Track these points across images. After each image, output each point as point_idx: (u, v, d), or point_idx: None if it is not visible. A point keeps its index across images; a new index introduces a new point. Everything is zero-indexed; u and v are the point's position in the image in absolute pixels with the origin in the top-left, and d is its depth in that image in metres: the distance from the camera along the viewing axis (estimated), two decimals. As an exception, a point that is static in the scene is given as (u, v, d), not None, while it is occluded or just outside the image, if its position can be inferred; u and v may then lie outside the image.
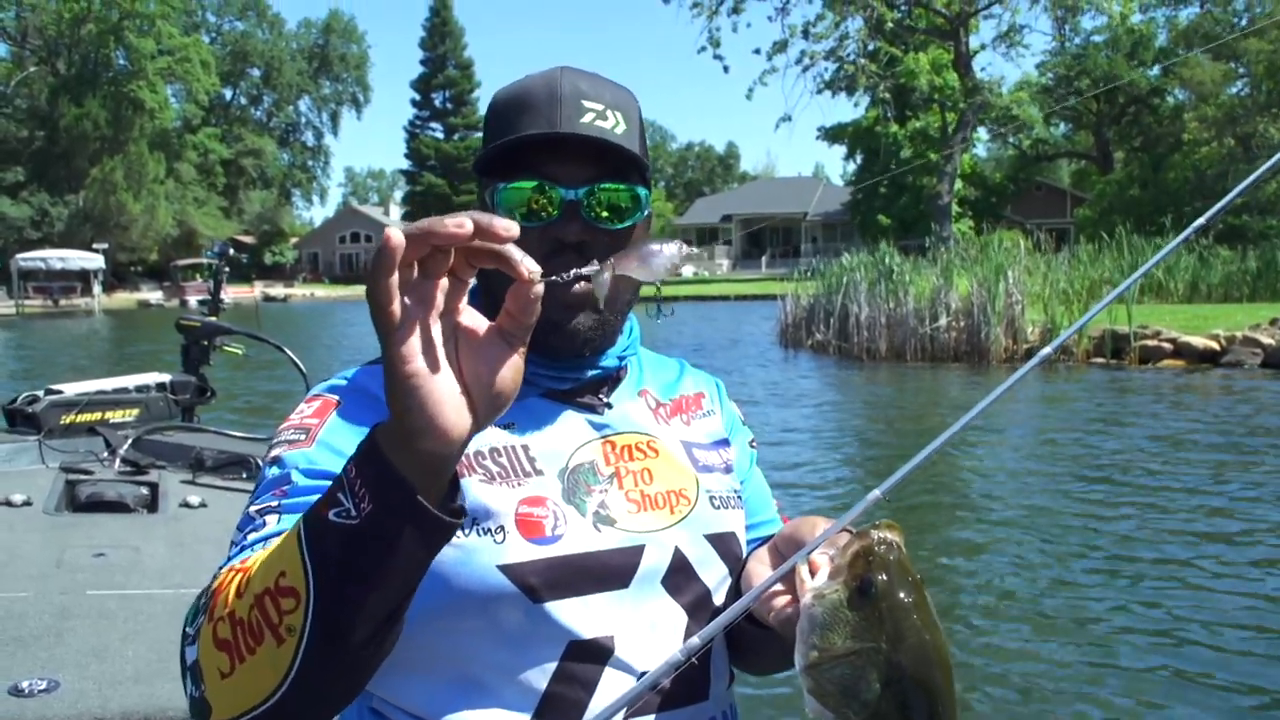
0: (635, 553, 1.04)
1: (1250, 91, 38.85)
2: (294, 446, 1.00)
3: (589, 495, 1.06)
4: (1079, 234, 35.26)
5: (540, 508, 1.02)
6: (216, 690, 0.81)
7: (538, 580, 0.99)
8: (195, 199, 63.72)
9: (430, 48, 73.69)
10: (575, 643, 1.00)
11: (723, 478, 1.17)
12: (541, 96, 1.06)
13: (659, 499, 1.09)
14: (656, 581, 1.05)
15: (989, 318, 16.82)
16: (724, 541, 1.12)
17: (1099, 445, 9.84)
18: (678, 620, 1.06)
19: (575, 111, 1.05)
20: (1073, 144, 57.43)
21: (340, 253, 77.34)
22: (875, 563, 0.82)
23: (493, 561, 0.99)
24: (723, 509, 1.13)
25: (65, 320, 39.65)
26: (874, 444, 10.85)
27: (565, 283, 0.84)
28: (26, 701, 1.86)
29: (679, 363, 1.29)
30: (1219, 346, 15.37)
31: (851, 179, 58.44)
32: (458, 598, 0.98)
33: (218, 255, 5.71)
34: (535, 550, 1.00)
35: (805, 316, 20.35)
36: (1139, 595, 5.47)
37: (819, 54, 38.65)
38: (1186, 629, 4.95)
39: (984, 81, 38.82)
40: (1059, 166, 63.98)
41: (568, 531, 1.02)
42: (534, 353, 1.04)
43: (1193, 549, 6.26)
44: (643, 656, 1.02)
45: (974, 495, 7.89)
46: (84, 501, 3.37)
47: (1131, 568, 5.95)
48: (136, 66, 57.85)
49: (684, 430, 1.18)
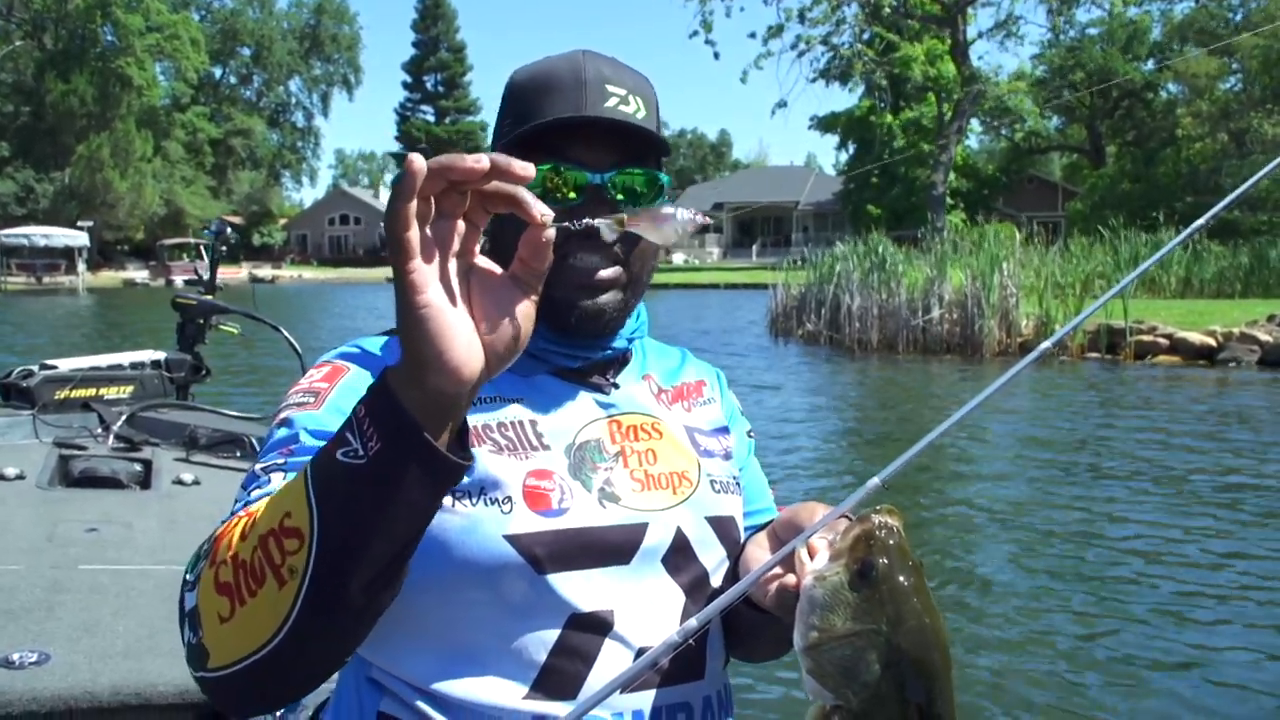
0: (639, 530, 1.05)
1: (1244, 87, 38.81)
2: (303, 409, 1.01)
3: (595, 472, 1.07)
4: (1071, 227, 35.18)
5: (547, 481, 1.03)
6: (214, 635, 0.81)
7: (543, 552, 0.99)
8: (183, 178, 63.25)
9: (423, 30, 73.22)
10: (576, 615, 1.00)
11: (722, 463, 1.18)
12: (567, 79, 1.06)
13: (662, 479, 1.10)
14: (657, 560, 1.06)
15: (983, 310, 16.69)
16: (723, 525, 1.12)
17: (1091, 439, 9.73)
18: (676, 599, 1.06)
19: (600, 96, 1.05)
20: (1065, 137, 57.42)
21: (329, 235, 76.97)
22: (876, 546, 0.83)
23: (499, 531, 0.99)
24: (723, 493, 1.14)
25: (48, 298, 39.32)
26: (865, 435, 10.72)
27: (585, 266, 0.95)
28: (16, 674, 1.88)
29: (681, 351, 1.30)
30: (1215, 343, 15.25)
31: (844, 168, 58.32)
32: (462, 566, 0.98)
33: (215, 234, 5.63)
34: (542, 522, 1.00)
35: (796, 306, 20.21)
36: (1123, 591, 5.38)
37: (815, 39, 38.43)
38: (1183, 626, 4.85)
39: (981, 71, 38.67)
40: (1051, 160, 63.98)
41: (574, 505, 1.03)
42: (550, 330, 1.08)
43: (1189, 545, 6.16)
44: (641, 632, 1.02)
45: (959, 490, 7.78)
46: (77, 477, 3.38)
47: (1122, 561, 5.86)
48: (124, 43, 57.28)
49: (685, 415, 1.20)
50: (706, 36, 38.11)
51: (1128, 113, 50.82)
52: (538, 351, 1.10)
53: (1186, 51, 41.21)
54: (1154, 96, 48.94)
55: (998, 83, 39.01)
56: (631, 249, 1.09)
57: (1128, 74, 45.51)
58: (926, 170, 38.43)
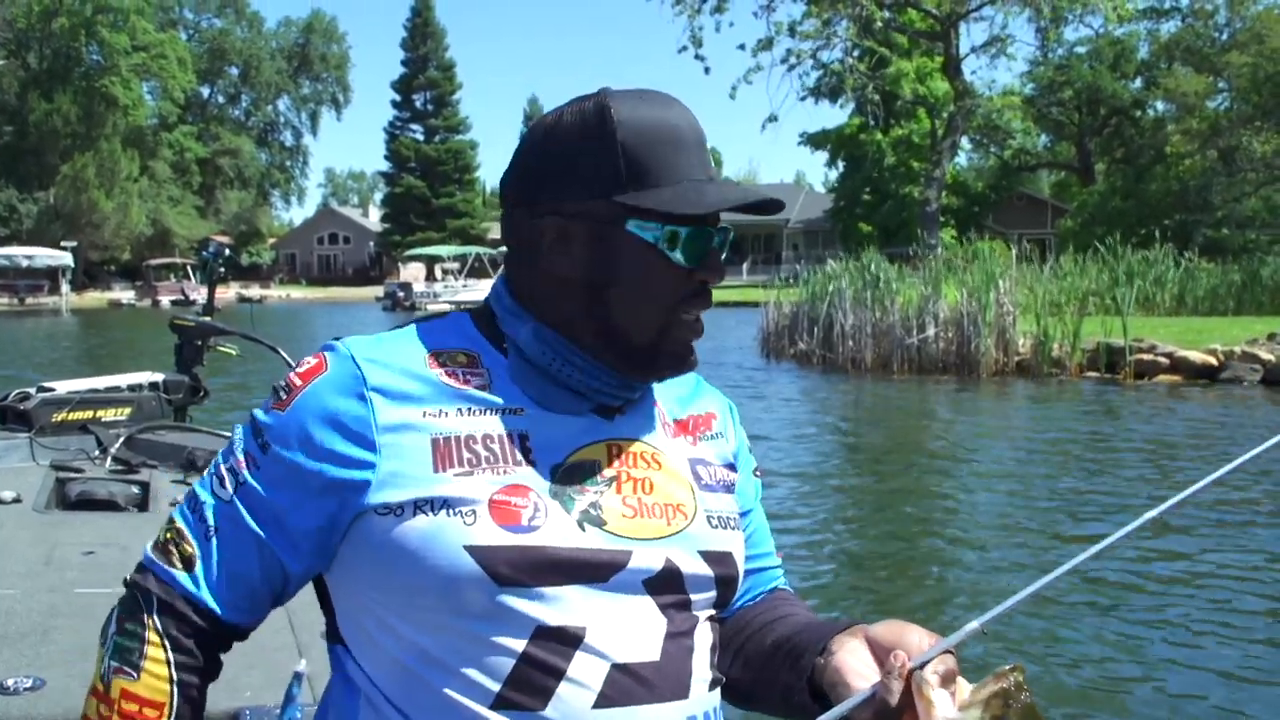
0: (621, 556, 1.01)
1: (1233, 105, 38.84)
2: (272, 409, 1.03)
3: (580, 495, 1.02)
4: (1062, 244, 35.05)
5: (520, 497, 0.99)
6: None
7: (505, 567, 0.96)
8: (170, 198, 62.89)
9: (412, 48, 72.93)
10: (542, 628, 0.97)
11: (724, 498, 1.13)
12: (690, 138, 1.05)
13: (656, 509, 1.05)
14: (638, 583, 1.01)
15: (980, 328, 16.41)
16: (720, 561, 1.07)
17: (1092, 463, 9.41)
18: (656, 620, 1.01)
19: (706, 154, 1.08)
20: (1054, 155, 57.52)
21: (318, 254, 76.62)
22: (1013, 708, 0.88)
23: (460, 541, 0.96)
24: (721, 529, 1.09)
25: (30, 319, 38.79)
26: (865, 453, 10.41)
27: (698, 322, 1.07)
28: (12, 699, 1.90)
29: (696, 378, 1.21)
30: (1217, 362, 14.93)
31: (833, 186, 58.27)
32: (421, 575, 0.96)
33: (214, 255, 5.66)
34: (506, 536, 0.97)
35: (788, 325, 19.91)
36: (1114, 615, 5.06)
37: (805, 53, 38.32)
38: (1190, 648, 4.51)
39: (974, 85, 38.62)
40: (1039, 177, 64.09)
41: (546, 524, 0.99)
42: (619, 372, 1.06)
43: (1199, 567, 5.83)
44: (619, 646, 0.98)
45: (954, 511, 7.47)
46: (74, 500, 3.40)
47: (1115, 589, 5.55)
48: (110, 62, 57.01)
49: (689, 448, 1.14)
50: (696, 51, 38.01)
51: (1116, 130, 50.91)
52: (587, 390, 1.06)
53: (1176, 70, 41.31)
54: (1142, 114, 49.04)
55: (991, 96, 38.94)
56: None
57: (1115, 93, 45.59)
58: (918, 187, 38.27)
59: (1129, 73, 48.59)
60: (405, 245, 62.65)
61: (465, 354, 1.06)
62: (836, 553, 6.69)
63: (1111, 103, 48.75)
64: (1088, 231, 34.66)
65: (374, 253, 73.31)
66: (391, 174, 72.38)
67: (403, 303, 43.47)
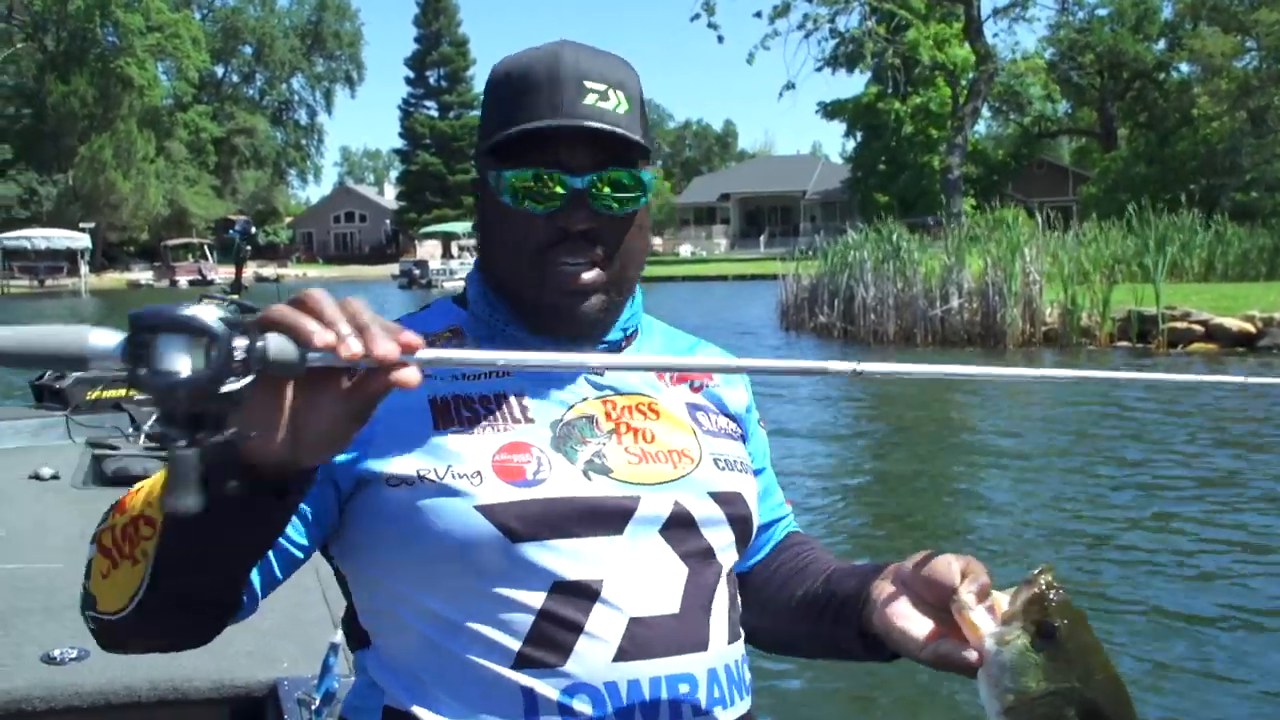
0: (630, 502, 1.02)
1: (1262, 64, 37.98)
2: None
3: (582, 445, 1.04)
4: (1085, 211, 34.49)
5: (522, 454, 1.01)
6: (98, 587, 0.92)
7: (517, 522, 0.98)
8: (186, 178, 62.91)
9: (424, 24, 72.50)
10: (560, 583, 0.98)
11: (729, 443, 1.14)
12: (542, 77, 1.04)
13: (660, 455, 1.07)
14: (654, 530, 1.03)
15: (1005, 298, 16.09)
16: (730, 501, 1.09)
17: (1122, 436, 9.19)
18: (676, 569, 1.02)
19: (577, 93, 1.03)
20: (1075, 121, 56.64)
21: (335, 232, 76.72)
22: (1051, 608, 0.88)
23: (470, 503, 0.98)
24: (728, 470, 1.10)
25: (50, 301, 38.94)
26: (888, 434, 10.21)
27: (570, 270, 1.03)
28: (58, 669, 2.01)
29: (694, 341, 1.24)
30: (1255, 329, 14.47)
31: (851, 156, 57.64)
32: (435, 540, 0.98)
33: (239, 234, 5.78)
34: (514, 492, 0.99)
35: (808, 297, 19.66)
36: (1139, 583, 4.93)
37: (823, 18, 37.72)
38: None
39: (996, 48, 37.94)
40: (1060, 144, 63.17)
41: (551, 476, 1.01)
42: (539, 334, 1.07)
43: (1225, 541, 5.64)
44: (635, 600, 0.99)
45: (979, 487, 7.37)
46: (110, 476, 3.49)
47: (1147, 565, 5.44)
48: (125, 43, 56.93)
49: (689, 394, 1.15)
50: (710, 19, 37.48)
51: (1139, 94, 50.00)
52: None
53: (1202, 30, 40.43)
54: (1166, 76, 48.11)
55: (1015, 59, 38.23)
56: (613, 250, 1.06)
57: (1138, 55, 44.71)
58: (936, 156, 37.73)
59: (1152, 34, 47.66)
60: (421, 223, 62.57)
61: (450, 331, 1.10)
62: (863, 518, 6.72)
63: (1134, 66, 47.87)
64: (1111, 198, 34.10)
65: (390, 230, 73.27)
66: (407, 151, 72.21)
67: (419, 280, 43.14)
